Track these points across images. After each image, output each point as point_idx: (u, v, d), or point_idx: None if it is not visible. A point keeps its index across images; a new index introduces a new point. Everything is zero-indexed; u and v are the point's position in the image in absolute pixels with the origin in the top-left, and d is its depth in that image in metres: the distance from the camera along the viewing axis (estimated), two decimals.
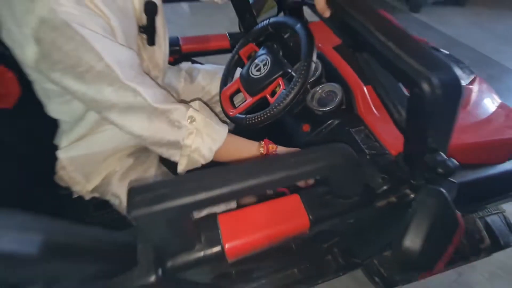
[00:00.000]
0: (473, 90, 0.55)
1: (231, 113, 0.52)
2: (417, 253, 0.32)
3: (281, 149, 0.48)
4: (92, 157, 0.48)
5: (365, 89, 0.52)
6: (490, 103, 0.55)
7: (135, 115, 0.37)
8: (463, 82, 0.54)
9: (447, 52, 0.70)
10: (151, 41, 0.44)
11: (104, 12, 0.33)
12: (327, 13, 0.40)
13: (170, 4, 1.48)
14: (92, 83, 0.33)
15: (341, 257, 0.58)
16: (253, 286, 0.53)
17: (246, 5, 0.63)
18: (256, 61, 0.52)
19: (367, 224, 0.48)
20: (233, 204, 0.51)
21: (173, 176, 0.55)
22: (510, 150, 0.51)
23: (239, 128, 0.51)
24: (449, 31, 1.85)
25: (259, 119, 0.46)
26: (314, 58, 0.44)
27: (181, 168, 0.43)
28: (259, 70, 0.50)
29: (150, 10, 0.41)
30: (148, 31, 0.43)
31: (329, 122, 0.52)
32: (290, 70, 0.47)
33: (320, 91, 0.56)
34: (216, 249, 0.34)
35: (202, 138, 0.41)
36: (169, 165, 0.56)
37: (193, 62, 0.72)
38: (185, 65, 0.66)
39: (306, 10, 0.52)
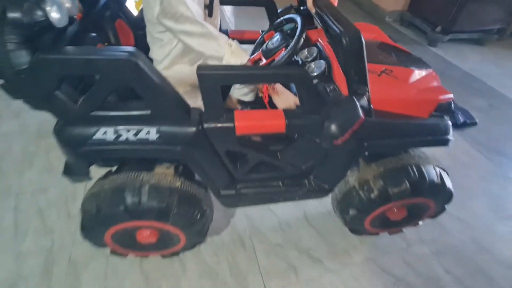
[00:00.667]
0: (419, 73, 0.75)
1: None
2: (337, 134, 0.56)
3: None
4: (173, 79, 0.76)
5: (338, 65, 0.77)
6: (429, 83, 0.74)
7: (200, 39, 0.65)
8: (417, 70, 0.76)
9: (418, 56, 0.91)
10: (210, 14, 0.75)
11: None
12: (313, 10, 0.67)
13: None
14: (182, 23, 0.62)
15: (314, 182, 0.80)
16: (254, 181, 0.77)
17: (275, 12, 0.93)
18: (272, 39, 0.79)
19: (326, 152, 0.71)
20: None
21: None
22: (430, 109, 0.71)
23: None
24: (463, 65, 2.02)
25: None
26: (303, 37, 0.70)
27: None
28: (272, 44, 0.77)
29: None
30: (209, 8, 0.74)
31: (315, 81, 0.77)
32: (289, 43, 0.73)
33: (313, 65, 0.80)
34: (231, 124, 0.60)
35: (234, 56, 0.67)
36: None
37: None
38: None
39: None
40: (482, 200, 1.16)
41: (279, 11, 0.97)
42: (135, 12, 0.95)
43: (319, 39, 0.84)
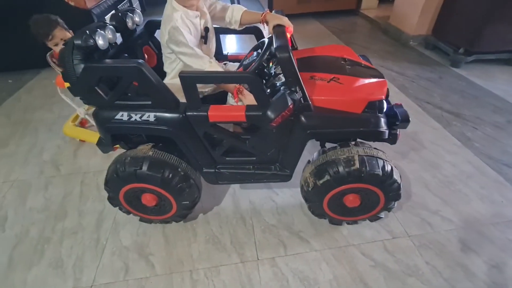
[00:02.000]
0: (366, 80, 0.91)
1: None
2: (271, 118, 0.77)
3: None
4: (176, 86, 1.03)
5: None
6: (370, 87, 0.89)
7: (191, 58, 0.93)
8: (365, 79, 0.93)
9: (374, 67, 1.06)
10: (205, 42, 1.05)
11: (188, 25, 0.94)
12: (271, 34, 0.92)
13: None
14: (180, 46, 0.92)
15: (279, 168, 1.01)
16: (230, 164, 1.00)
17: (262, 37, 1.19)
18: (251, 57, 1.04)
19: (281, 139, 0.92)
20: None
21: None
22: (361, 106, 0.86)
23: None
24: (486, 84, 2.02)
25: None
26: (266, 54, 0.91)
27: None
28: (249, 60, 1.01)
29: (206, 29, 1.03)
30: (204, 38, 1.04)
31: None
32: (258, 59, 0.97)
33: (281, 76, 0.98)
34: (205, 113, 0.85)
35: (212, 69, 0.92)
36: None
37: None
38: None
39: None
40: (479, 206, 1.19)
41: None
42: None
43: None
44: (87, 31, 0.84)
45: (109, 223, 1.20)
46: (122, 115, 0.87)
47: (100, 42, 0.86)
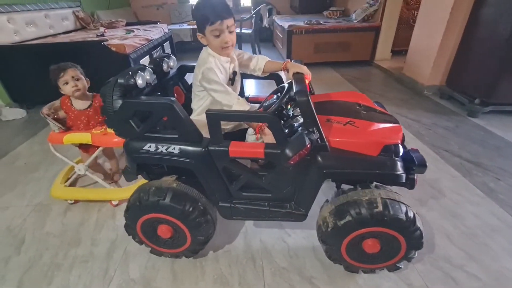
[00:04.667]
0: (381, 125, 0.94)
1: None
2: (289, 157, 0.80)
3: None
4: (201, 122, 1.10)
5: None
6: (385, 132, 0.92)
7: (221, 94, 1.01)
8: (380, 123, 0.96)
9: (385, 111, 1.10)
10: (232, 83, 1.15)
11: (219, 67, 1.06)
12: (290, 80, 1.00)
13: None
14: (212, 84, 1.02)
15: (294, 206, 1.01)
16: (245, 199, 1.01)
17: (281, 82, 1.29)
18: (271, 99, 1.11)
19: (298, 179, 0.94)
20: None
21: None
22: (377, 149, 0.88)
23: None
24: (507, 135, 1.99)
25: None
26: (286, 97, 0.97)
27: None
28: (269, 102, 1.08)
29: (234, 73, 1.14)
30: (232, 80, 1.15)
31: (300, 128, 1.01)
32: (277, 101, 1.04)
33: (299, 117, 1.02)
34: (226, 148, 0.90)
35: (239, 106, 1.00)
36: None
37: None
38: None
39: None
40: (508, 263, 1.09)
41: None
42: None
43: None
44: (130, 72, 0.96)
45: (120, 253, 1.20)
46: (150, 146, 0.94)
47: (140, 81, 0.97)
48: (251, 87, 3.18)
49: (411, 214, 0.88)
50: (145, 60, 3.00)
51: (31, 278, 1.12)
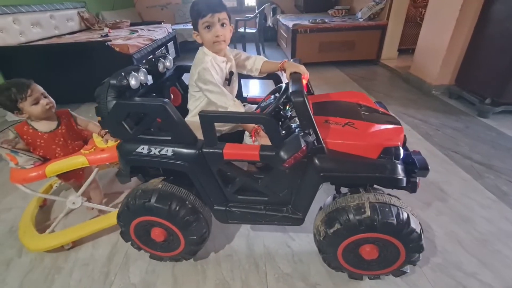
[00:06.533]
0: (381, 126, 0.91)
1: None
2: (284, 159, 0.76)
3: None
4: (194, 124, 1.05)
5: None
6: (386, 133, 0.88)
7: (217, 95, 0.99)
8: (381, 125, 0.92)
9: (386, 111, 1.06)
10: (229, 84, 1.12)
11: (215, 68, 1.03)
12: (288, 80, 0.97)
13: None
14: (208, 84, 0.99)
15: (291, 210, 0.98)
16: (241, 203, 0.98)
17: (279, 82, 1.25)
18: (268, 100, 1.08)
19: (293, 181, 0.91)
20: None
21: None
22: (376, 151, 0.84)
23: None
24: None
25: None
26: (282, 98, 0.95)
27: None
28: (266, 102, 1.05)
29: (231, 73, 1.11)
30: (228, 80, 1.12)
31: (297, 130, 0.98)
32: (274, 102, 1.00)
33: (297, 118, 1.02)
34: (220, 150, 0.87)
35: (235, 107, 0.97)
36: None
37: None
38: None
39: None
40: None
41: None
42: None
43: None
44: (123, 73, 0.93)
45: (121, 257, 1.19)
46: (143, 149, 0.92)
47: (133, 82, 0.95)
48: (250, 87, 3.15)
49: (403, 216, 0.83)
50: None
51: (32, 281, 1.11)
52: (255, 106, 1.26)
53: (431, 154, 1.79)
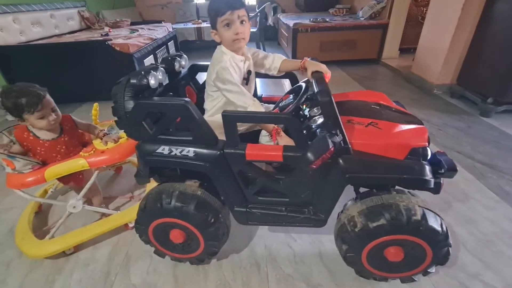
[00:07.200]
0: (405, 126, 0.89)
1: None
2: (311, 160, 0.74)
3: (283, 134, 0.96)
4: (214, 123, 1.05)
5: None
6: (410, 134, 0.87)
7: (236, 94, 0.97)
8: (404, 124, 0.91)
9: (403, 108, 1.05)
10: (247, 83, 1.10)
11: (234, 67, 1.02)
12: (311, 79, 0.95)
13: None
14: (226, 84, 0.98)
15: (312, 211, 0.95)
16: (262, 204, 0.97)
17: (296, 81, 1.24)
18: (287, 99, 1.07)
19: (316, 182, 0.89)
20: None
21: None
22: (403, 152, 0.82)
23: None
24: None
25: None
26: (303, 98, 0.95)
27: None
28: (285, 102, 1.05)
29: (249, 72, 1.09)
30: (246, 79, 1.10)
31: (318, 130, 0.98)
32: (295, 101, 1.00)
33: (317, 118, 0.96)
34: (242, 151, 0.86)
35: (254, 107, 0.96)
36: None
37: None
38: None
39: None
40: None
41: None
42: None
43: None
44: (142, 72, 0.92)
45: (121, 257, 1.18)
46: (164, 149, 0.90)
47: (152, 81, 0.94)
48: (260, 86, 3.14)
49: (445, 228, 0.82)
50: (149, 60, 2.99)
51: (32, 282, 1.10)
52: (271, 105, 1.24)
53: None
